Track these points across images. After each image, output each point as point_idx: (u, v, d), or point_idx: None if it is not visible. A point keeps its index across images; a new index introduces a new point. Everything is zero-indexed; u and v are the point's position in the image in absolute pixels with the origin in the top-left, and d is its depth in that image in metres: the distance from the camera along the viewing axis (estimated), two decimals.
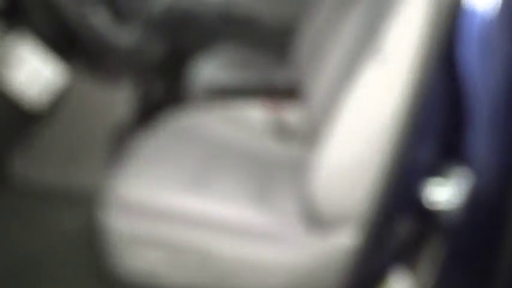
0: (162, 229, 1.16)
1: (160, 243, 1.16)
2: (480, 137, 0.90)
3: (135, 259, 1.17)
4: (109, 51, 1.27)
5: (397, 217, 1.04)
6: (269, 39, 1.95)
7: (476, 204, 0.93)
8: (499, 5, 0.89)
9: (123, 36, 1.33)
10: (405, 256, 1.05)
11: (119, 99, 1.68)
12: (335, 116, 1.05)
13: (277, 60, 1.87)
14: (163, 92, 1.89)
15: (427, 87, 0.95)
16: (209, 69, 1.80)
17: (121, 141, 1.64)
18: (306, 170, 1.11)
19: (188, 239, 1.15)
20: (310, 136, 1.37)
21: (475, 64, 0.89)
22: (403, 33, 0.97)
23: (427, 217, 1.00)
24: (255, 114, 1.58)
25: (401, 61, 0.97)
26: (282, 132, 1.56)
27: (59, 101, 1.49)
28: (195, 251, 1.15)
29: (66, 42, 1.23)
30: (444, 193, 0.97)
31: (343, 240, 1.12)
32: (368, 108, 1.03)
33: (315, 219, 1.13)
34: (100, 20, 1.22)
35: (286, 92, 1.70)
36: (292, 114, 1.59)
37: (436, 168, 0.99)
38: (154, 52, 1.57)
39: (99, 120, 1.69)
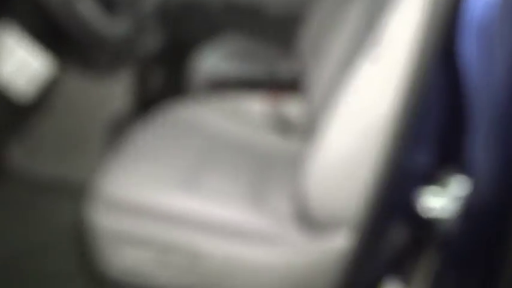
0: (151, 228, 1.14)
1: (149, 243, 1.13)
2: (479, 141, 0.85)
3: (122, 257, 1.15)
4: (98, 42, 1.23)
5: (391, 222, 1.00)
6: (273, 30, 1.90)
7: (474, 212, 0.89)
8: None
9: (114, 26, 1.29)
10: (400, 265, 1.01)
11: (116, 91, 1.67)
12: (331, 111, 1.01)
13: (282, 51, 1.82)
14: (163, 83, 1.86)
15: (424, 84, 0.90)
16: (212, 60, 1.76)
17: (118, 133, 1.62)
18: (300, 166, 1.06)
19: (177, 238, 1.13)
20: (310, 131, 1.33)
21: (475, 59, 0.84)
22: (400, 27, 0.92)
23: (423, 225, 0.96)
24: (254, 107, 1.55)
25: (398, 56, 0.93)
26: (283, 126, 1.52)
27: (49, 93, 1.47)
28: (184, 251, 1.12)
29: (54, 32, 1.20)
30: (440, 201, 0.92)
31: (338, 243, 1.08)
32: (364, 104, 0.98)
33: (309, 220, 1.09)
34: (89, 10, 1.19)
35: (290, 84, 1.65)
36: (293, 108, 1.55)
37: (433, 175, 0.94)
38: (150, 43, 1.53)
39: (96, 112, 1.68)
